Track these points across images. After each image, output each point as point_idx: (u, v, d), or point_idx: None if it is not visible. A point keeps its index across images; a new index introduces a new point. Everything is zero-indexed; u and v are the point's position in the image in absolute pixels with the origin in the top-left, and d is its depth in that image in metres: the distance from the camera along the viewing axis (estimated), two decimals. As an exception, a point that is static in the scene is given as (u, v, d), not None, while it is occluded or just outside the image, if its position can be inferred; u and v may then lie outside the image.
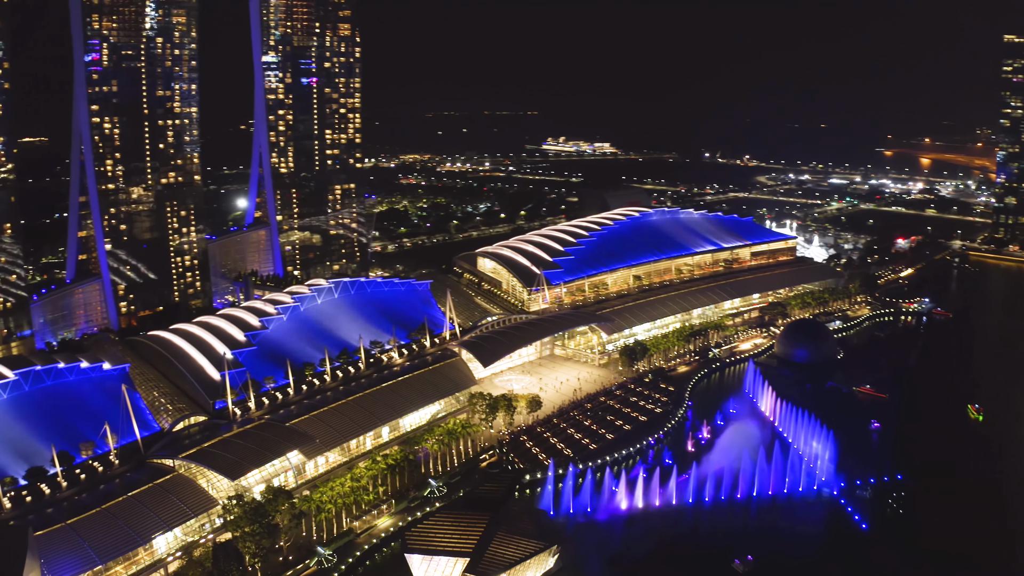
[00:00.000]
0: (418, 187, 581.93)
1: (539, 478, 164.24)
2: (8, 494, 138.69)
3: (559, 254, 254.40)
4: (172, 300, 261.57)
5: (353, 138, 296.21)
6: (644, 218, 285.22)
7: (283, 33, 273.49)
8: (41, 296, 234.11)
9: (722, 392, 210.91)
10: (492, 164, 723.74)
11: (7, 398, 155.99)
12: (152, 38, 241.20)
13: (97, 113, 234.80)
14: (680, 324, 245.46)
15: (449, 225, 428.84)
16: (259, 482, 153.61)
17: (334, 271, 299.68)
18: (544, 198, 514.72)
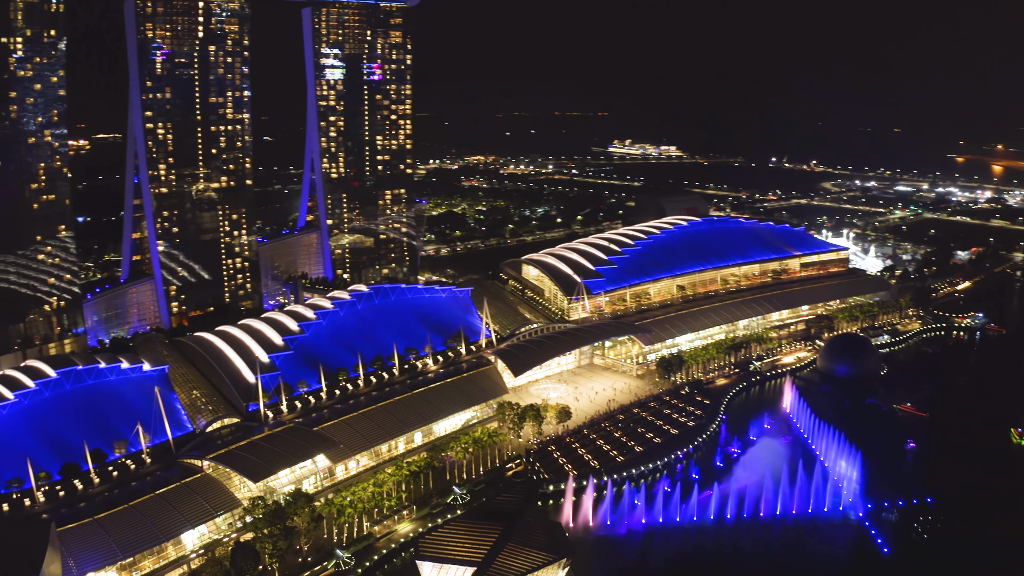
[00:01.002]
0: (479, 190, 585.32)
1: (562, 489, 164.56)
2: (42, 488, 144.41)
3: (602, 263, 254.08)
4: (223, 301, 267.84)
5: (404, 144, 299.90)
6: (692, 227, 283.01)
7: (335, 40, 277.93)
8: (95, 295, 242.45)
9: (759, 407, 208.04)
10: (555, 167, 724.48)
11: (49, 396, 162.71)
12: (205, 46, 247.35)
13: (151, 119, 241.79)
14: (722, 336, 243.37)
15: (504, 229, 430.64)
16: (288, 484, 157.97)
17: (384, 275, 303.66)
18: (602, 203, 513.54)
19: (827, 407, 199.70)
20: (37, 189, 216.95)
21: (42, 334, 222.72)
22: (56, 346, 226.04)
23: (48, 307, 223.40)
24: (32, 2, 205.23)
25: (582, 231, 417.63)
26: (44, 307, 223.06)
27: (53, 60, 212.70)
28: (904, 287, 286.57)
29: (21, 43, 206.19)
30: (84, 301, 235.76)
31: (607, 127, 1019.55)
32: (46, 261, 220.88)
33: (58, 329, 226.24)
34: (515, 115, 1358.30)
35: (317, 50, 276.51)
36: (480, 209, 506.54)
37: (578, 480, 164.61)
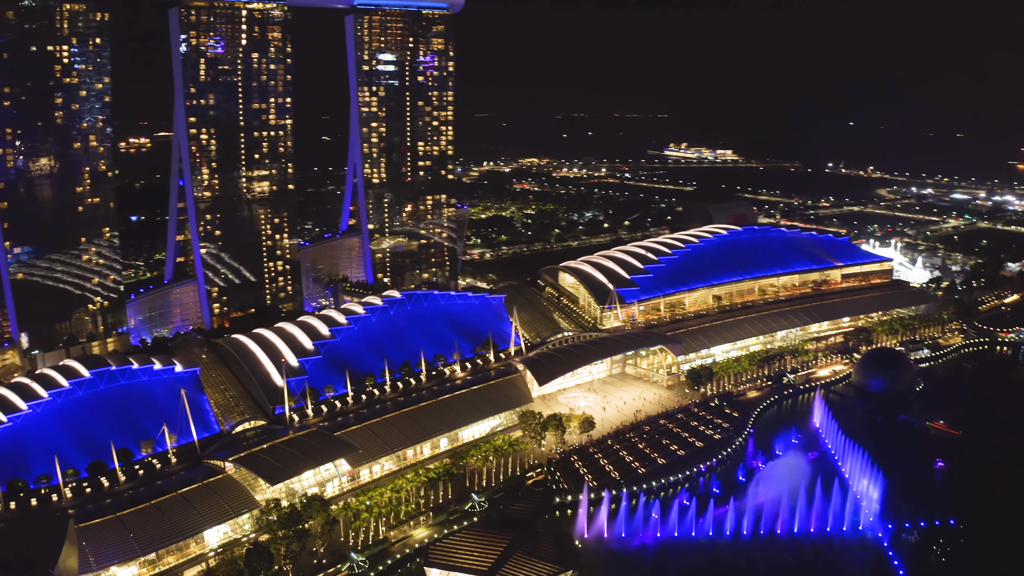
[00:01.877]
0: (529, 193, 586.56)
1: (579, 500, 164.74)
2: (69, 485, 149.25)
3: (637, 272, 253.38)
4: (264, 303, 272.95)
5: (445, 150, 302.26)
6: (732, 236, 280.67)
7: (377, 47, 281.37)
8: (139, 295, 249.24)
9: (789, 421, 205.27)
10: (608, 170, 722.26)
11: (82, 395, 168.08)
12: (248, 53, 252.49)
13: (194, 124, 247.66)
14: (757, 347, 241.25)
15: (550, 234, 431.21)
16: (312, 486, 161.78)
17: (424, 279, 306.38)
18: (651, 208, 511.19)
19: (858, 423, 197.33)
20: (82, 192, 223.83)
21: (87, 332, 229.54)
22: (99, 344, 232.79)
23: (92, 306, 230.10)
24: (77, 11, 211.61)
25: (628, 237, 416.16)
26: (89, 306, 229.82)
27: (98, 67, 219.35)
28: (948, 299, 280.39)
29: (67, 51, 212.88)
30: (128, 301, 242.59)
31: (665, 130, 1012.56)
32: (91, 262, 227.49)
33: (101, 328, 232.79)
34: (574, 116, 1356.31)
35: (360, 57, 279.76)
36: (529, 213, 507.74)
37: (596, 491, 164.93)
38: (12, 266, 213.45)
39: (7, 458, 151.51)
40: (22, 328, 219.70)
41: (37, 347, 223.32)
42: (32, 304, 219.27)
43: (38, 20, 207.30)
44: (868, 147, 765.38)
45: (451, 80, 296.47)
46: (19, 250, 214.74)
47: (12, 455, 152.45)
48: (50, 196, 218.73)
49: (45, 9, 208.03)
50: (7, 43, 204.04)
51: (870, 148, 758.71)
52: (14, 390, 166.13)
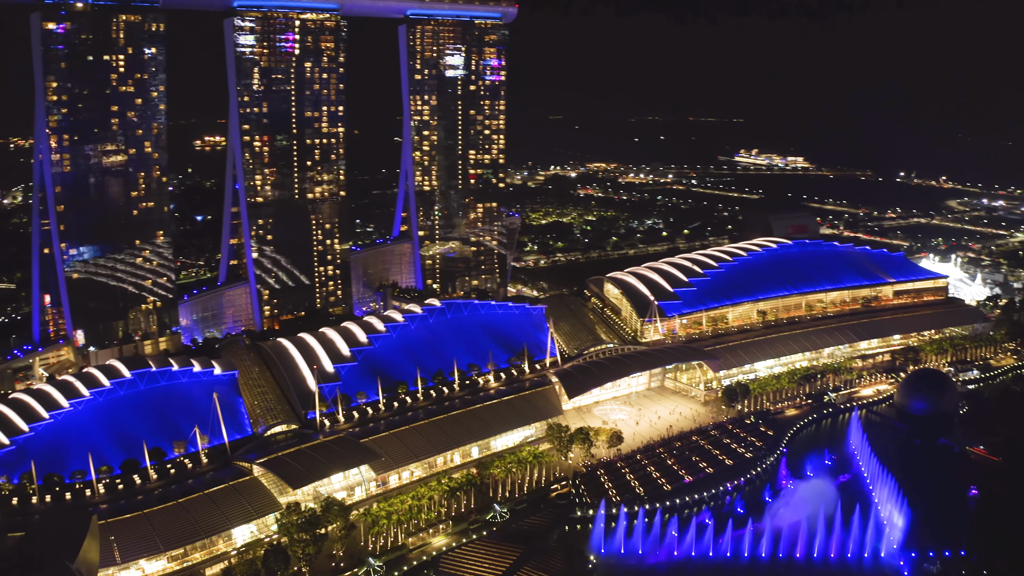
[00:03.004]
0: (592, 199, 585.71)
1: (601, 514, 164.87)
2: (103, 481, 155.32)
3: (682, 285, 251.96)
4: (314, 306, 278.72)
5: (496, 158, 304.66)
6: (783, 250, 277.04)
7: (430, 57, 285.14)
8: (192, 296, 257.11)
9: (825, 441, 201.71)
10: (675, 176, 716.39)
11: (122, 395, 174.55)
12: (301, 62, 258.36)
13: (248, 131, 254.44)
14: (798, 364, 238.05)
15: (607, 242, 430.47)
16: (340, 490, 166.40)
17: (473, 286, 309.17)
18: (713, 216, 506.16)
19: (895, 445, 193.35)
20: (137, 196, 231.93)
21: (141, 331, 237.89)
22: (152, 343, 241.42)
23: (146, 306, 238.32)
24: (133, 22, 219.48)
25: (686, 246, 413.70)
26: (142, 306, 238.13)
27: (154, 76, 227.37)
28: (1005, 318, 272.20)
29: (123, 60, 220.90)
30: (181, 302, 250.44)
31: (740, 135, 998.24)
32: (144, 263, 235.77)
33: (154, 328, 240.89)
34: (649, 120, 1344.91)
35: (412, 65, 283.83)
36: (589, 219, 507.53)
37: (618, 506, 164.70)
38: (68, 266, 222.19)
39: (46, 453, 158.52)
40: (79, 326, 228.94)
41: (93, 344, 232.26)
42: (89, 303, 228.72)
43: (95, 30, 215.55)
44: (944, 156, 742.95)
45: (503, 89, 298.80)
46: (75, 251, 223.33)
47: (51, 451, 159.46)
48: (106, 200, 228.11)
49: (102, 20, 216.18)
50: (65, 53, 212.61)
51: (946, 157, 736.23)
52: (59, 388, 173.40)
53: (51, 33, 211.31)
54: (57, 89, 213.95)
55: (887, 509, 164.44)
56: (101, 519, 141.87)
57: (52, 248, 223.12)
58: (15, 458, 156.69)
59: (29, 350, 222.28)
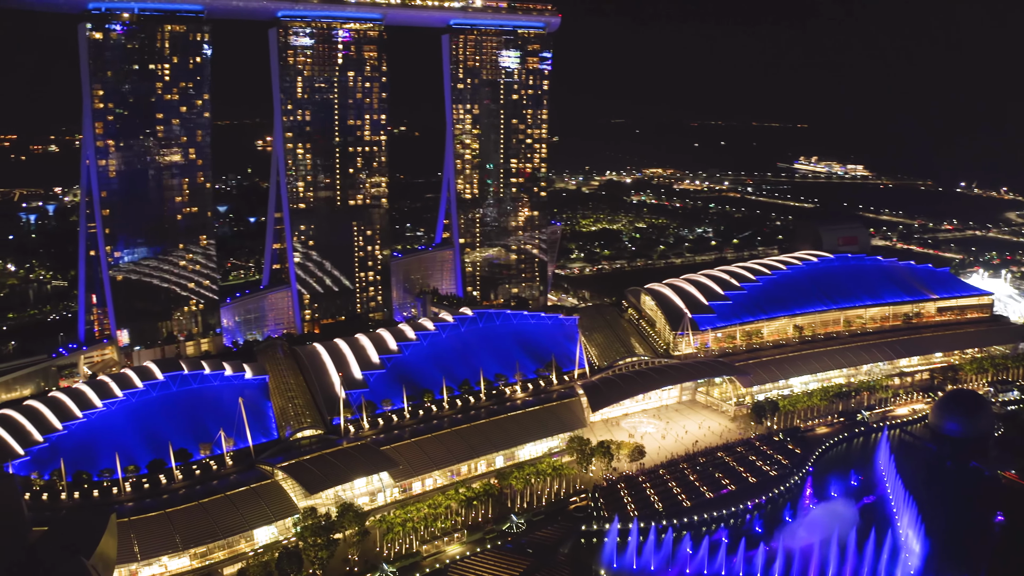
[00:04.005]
0: (645, 205, 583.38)
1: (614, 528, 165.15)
2: (129, 480, 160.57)
3: (717, 298, 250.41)
4: (354, 311, 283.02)
5: (538, 167, 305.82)
6: (823, 264, 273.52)
7: (472, 66, 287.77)
8: (235, 299, 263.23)
9: (854, 460, 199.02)
10: (731, 183, 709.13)
11: (154, 396, 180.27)
12: (344, 72, 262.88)
13: (291, 139, 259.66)
14: (837, 380, 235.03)
15: (654, 250, 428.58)
16: (362, 495, 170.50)
17: (513, 294, 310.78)
18: (765, 226, 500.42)
19: (924, 467, 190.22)
20: (181, 202, 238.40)
21: (184, 332, 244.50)
22: (194, 344, 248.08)
23: (188, 308, 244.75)
24: (178, 31, 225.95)
25: (734, 256, 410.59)
26: (185, 308, 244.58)
27: (198, 85, 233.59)
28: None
29: (168, 69, 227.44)
30: (223, 304, 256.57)
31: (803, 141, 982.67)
32: (188, 267, 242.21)
33: (195, 329, 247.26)
34: (711, 124, 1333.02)
35: (454, 75, 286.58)
36: (640, 227, 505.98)
37: (634, 521, 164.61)
38: (112, 268, 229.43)
39: (77, 451, 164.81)
40: (123, 326, 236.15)
41: (139, 343, 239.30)
42: (133, 304, 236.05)
43: (141, 40, 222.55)
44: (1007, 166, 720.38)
45: (546, 98, 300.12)
46: (119, 254, 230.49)
47: (82, 449, 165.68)
48: (150, 204, 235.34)
49: (148, 29, 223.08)
50: (111, 62, 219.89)
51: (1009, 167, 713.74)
52: (94, 388, 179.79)
53: (98, 42, 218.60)
54: (103, 97, 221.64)
55: (907, 533, 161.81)
56: (124, 517, 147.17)
57: (98, 250, 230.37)
58: (48, 455, 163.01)
59: (74, 349, 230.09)
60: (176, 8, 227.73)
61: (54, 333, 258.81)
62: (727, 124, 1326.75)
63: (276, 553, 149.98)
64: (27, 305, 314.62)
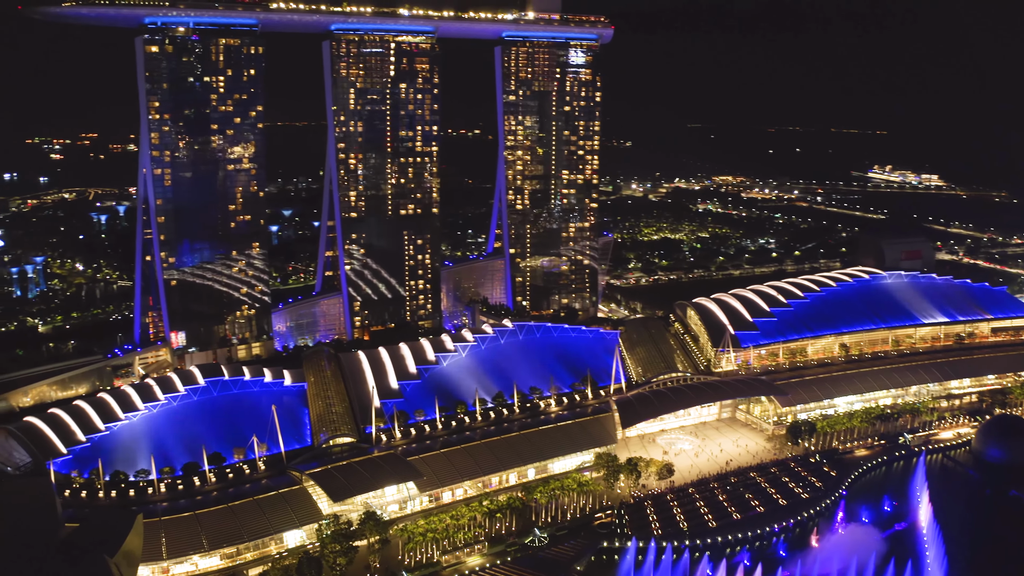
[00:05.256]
0: (709, 214, 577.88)
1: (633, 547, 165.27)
2: (164, 481, 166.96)
3: (762, 314, 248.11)
4: (404, 319, 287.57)
5: (590, 179, 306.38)
6: (875, 281, 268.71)
7: (524, 78, 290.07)
8: (287, 304, 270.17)
9: (891, 485, 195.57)
10: (801, 192, 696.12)
11: (195, 400, 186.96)
12: (396, 83, 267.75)
13: (343, 150, 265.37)
14: (881, 402, 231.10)
15: (713, 261, 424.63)
16: (392, 502, 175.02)
17: (563, 304, 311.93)
18: (830, 238, 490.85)
19: (962, 494, 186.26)
20: (234, 210, 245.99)
21: (236, 336, 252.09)
22: (245, 348, 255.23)
23: (240, 313, 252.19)
24: (233, 45, 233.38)
25: (794, 269, 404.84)
26: (237, 313, 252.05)
27: (252, 96, 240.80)
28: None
29: (223, 81, 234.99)
30: (275, 309, 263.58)
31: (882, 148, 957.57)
32: (240, 273, 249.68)
33: (247, 334, 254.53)
34: (789, 130, 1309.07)
35: (506, 86, 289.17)
36: (702, 236, 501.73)
37: (659, 540, 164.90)
38: (167, 273, 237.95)
39: (117, 452, 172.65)
40: (179, 328, 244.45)
41: (194, 345, 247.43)
42: (188, 307, 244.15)
43: (196, 53, 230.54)
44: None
45: (598, 110, 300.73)
46: (173, 259, 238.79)
47: (121, 449, 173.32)
48: (204, 212, 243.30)
49: (203, 43, 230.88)
50: (167, 74, 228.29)
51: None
52: (138, 391, 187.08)
53: (154, 56, 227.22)
54: (159, 108, 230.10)
55: (937, 563, 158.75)
56: (156, 516, 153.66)
57: (153, 255, 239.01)
58: (89, 454, 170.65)
59: (129, 350, 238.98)
60: (231, 22, 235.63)
61: (113, 333, 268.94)
62: (805, 130, 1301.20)
63: (297, 558, 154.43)
64: (92, 304, 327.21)
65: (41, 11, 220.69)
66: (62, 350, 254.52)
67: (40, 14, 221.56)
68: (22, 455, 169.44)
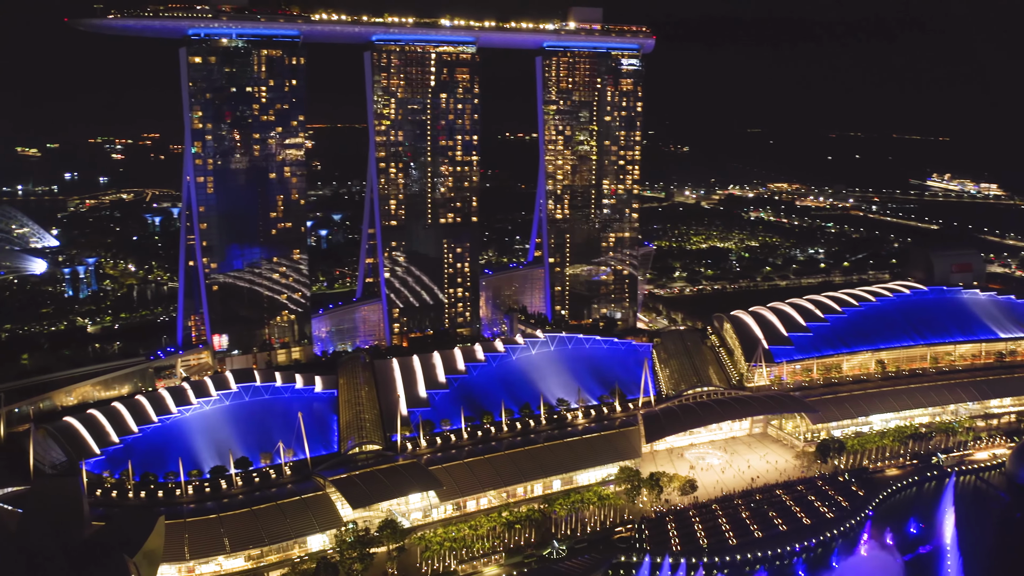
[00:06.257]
0: (760, 223, 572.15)
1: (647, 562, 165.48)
2: (192, 484, 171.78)
3: (798, 329, 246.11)
4: (442, 326, 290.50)
5: (630, 189, 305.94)
6: (916, 297, 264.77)
7: (565, 88, 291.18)
8: (327, 310, 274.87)
9: (918, 506, 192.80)
10: (856, 200, 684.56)
11: (226, 405, 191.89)
12: (437, 93, 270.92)
13: (384, 159, 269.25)
14: (916, 420, 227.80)
15: (759, 271, 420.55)
16: (415, 510, 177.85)
17: (602, 314, 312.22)
18: (881, 248, 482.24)
19: (990, 518, 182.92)
20: (275, 218, 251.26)
21: (280, 340, 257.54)
22: (285, 352, 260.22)
23: (280, 318, 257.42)
24: (275, 56, 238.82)
25: (842, 280, 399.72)
26: (278, 318, 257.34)
27: (294, 106, 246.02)
28: None
29: (265, 92, 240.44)
30: (316, 315, 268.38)
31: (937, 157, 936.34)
32: (280, 279, 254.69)
33: (286, 339, 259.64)
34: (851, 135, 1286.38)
35: (547, 96, 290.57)
36: (752, 245, 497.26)
37: (676, 556, 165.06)
38: (209, 279, 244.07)
39: (148, 454, 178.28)
40: (222, 332, 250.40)
41: (237, 348, 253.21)
42: (230, 312, 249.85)
43: (238, 64, 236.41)
44: None
45: (639, 120, 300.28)
46: (215, 265, 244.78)
47: (152, 451, 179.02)
48: (246, 220, 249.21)
49: (246, 54, 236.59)
50: (210, 85, 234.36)
51: None
52: (173, 395, 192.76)
53: (197, 66, 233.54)
54: (202, 117, 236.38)
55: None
56: (181, 518, 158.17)
57: (196, 261, 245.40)
58: (122, 455, 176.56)
59: (171, 352, 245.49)
60: (273, 34, 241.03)
61: (160, 335, 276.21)
62: (867, 135, 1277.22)
63: (315, 563, 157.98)
64: (141, 305, 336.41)
65: (86, 23, 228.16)
66: (107, 351, 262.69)
67: (85, 25, 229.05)
68: (59, 454, 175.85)
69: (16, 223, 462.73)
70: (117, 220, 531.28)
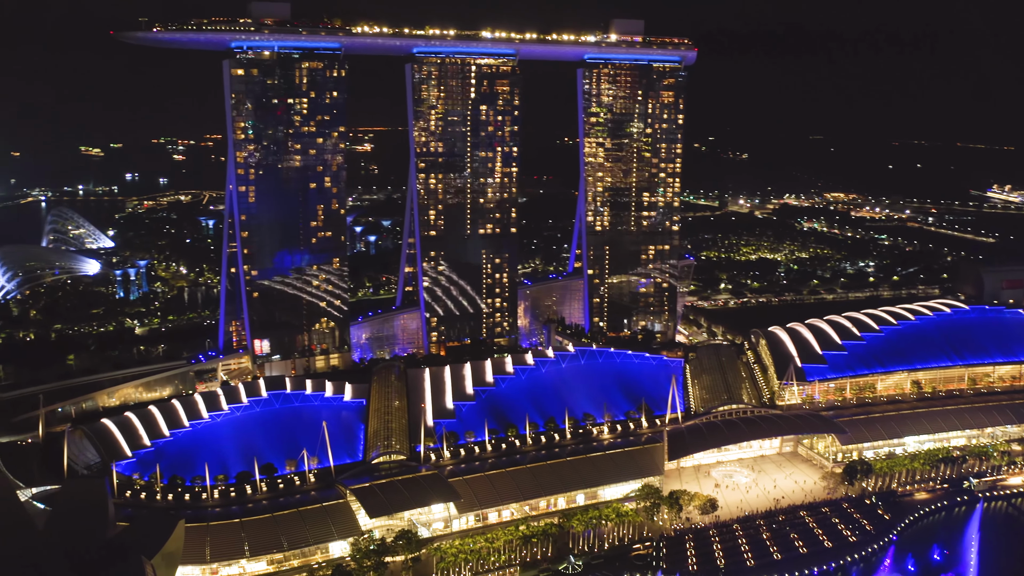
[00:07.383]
0: (812, 234, 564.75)
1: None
2: (217, 488, 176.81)
3: (833, 347, 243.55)
4: (480, 335, 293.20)
5: (671, 201, 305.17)
6: (957, 315, 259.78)
7: (606, 100, 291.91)
8: (366, 317, 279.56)
9: (945, 532, 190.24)
10: (913, 212, 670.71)
11: (256, 412, 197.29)
12: (477, 105, 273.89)
13: (423, 170, 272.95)
14: (952, 442, 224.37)
15: (805, 285, 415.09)
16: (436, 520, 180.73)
17: (641, 326, 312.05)
18: (933, 262, 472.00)
19: (1016, 546, 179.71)
20: (316, 227, 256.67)
21: (321, 346, 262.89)
22: (324, 359, 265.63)
23: (319, 325, 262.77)
24: (316, 68, 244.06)
25: (890, 295, 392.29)
26: (317, 325, 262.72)
27: (334, 118, 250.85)
28: None
29: (306, 104, 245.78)
30: (354, 322, 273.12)
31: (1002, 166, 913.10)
32: (320, 287, 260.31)
33: (324, 345, 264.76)
34: (915, 143, 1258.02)
35: (587, 108, 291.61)
36: (802, 257, 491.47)
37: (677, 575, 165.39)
38: (250, 285, 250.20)
39: (177, 457, 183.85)
40: (261, 337, 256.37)
41: (278, 353, 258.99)
42: (270, 318, 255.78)
43: (280, 76, 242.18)
44: None
45: (679, 132, 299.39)
46: (256, 272, 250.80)
47: (182, 455, 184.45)
48: (287, 228, 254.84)
49: (287, 66, 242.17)
50: (252, 96, 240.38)
51: None
52: (205, 400, 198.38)
53: (240, 78, 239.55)
54: (244, 128, 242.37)
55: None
56: (203, 522, 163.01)
57: (238, 267, 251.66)
58: (152, 458, 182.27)
59: (212, 356, 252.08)
60: (314, 46, 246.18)
61: (203, 338, 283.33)
62: (931, 144, 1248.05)
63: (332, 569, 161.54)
64: (190, 308, 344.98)
65: (132, 35, 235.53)
66: (152, 353, 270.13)
67: (131, 38, 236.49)
68: (93, 455, 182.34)
69: (72, 224, 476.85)
70: (172, 222, 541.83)
